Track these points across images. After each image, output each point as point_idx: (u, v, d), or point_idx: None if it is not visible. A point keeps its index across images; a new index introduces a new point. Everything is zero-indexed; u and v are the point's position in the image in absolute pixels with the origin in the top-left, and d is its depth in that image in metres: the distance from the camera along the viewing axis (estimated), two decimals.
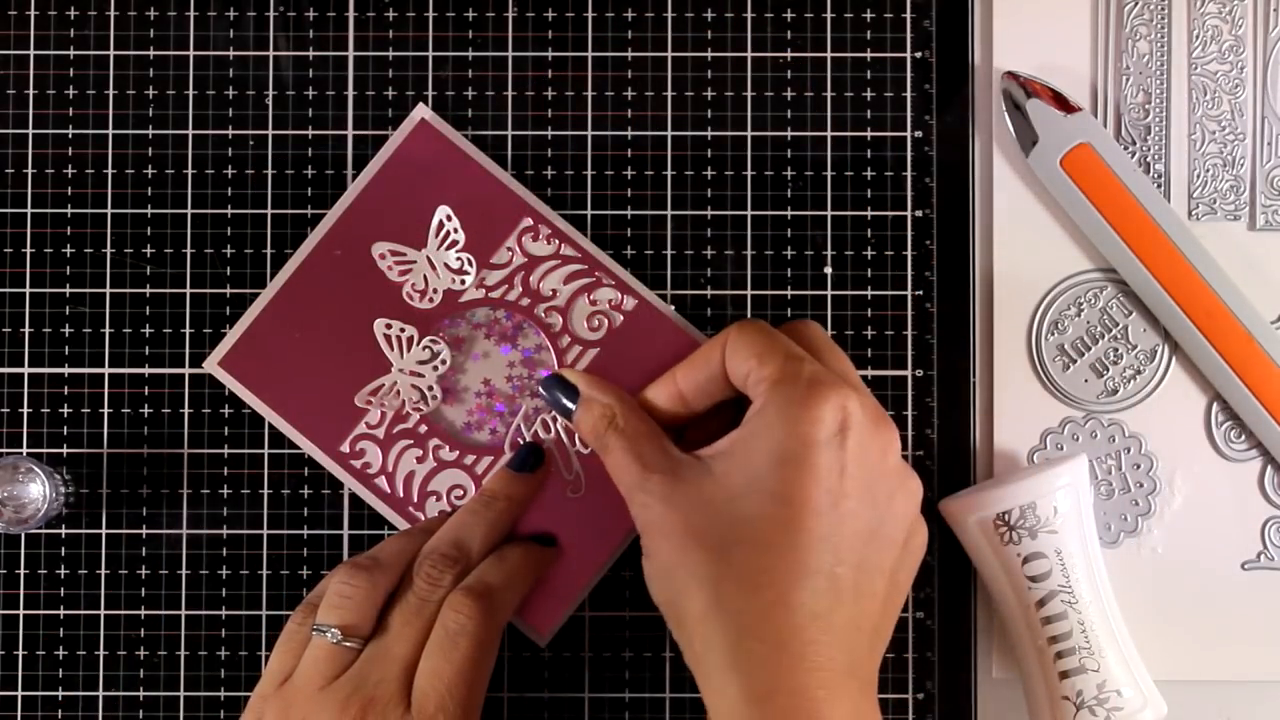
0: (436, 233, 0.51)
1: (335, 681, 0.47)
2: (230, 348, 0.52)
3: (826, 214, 0.55)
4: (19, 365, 0.54)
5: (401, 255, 0.51)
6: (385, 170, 0.52)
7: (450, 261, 0.51)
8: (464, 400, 0.52)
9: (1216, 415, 0.54)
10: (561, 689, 0.54)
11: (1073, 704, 0.50)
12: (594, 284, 0.52)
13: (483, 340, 0.52)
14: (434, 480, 0.52)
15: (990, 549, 0.51)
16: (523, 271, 0.52)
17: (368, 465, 0.52)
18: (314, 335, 0.51)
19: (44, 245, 0.54)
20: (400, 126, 0.52)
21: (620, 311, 0.52)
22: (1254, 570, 0.54)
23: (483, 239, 0.51)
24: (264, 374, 0.52)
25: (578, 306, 0.52)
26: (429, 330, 0.51)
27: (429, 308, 0.51)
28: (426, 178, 0.51)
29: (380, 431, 0.52)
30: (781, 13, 0.55)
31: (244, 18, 0.55)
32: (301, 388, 0.52)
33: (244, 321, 0.52)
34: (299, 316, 0.52)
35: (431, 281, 0.51)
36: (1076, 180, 0.53)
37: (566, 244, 0.51)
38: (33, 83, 0.54)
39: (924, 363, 0.54)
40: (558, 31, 0.55)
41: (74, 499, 0.54)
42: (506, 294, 0.52)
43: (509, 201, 0.52)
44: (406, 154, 0.52)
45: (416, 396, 0.51)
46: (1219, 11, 0.54)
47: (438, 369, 0.51)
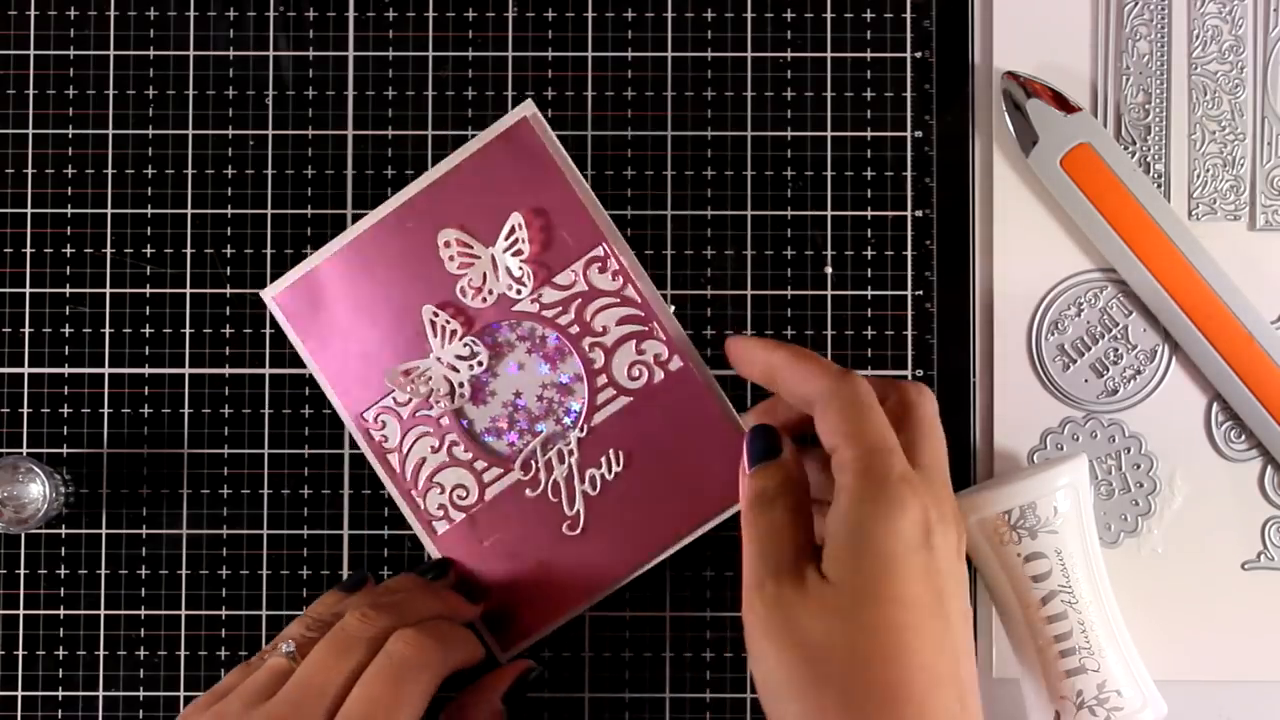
0: (507, 235, 0.50)
1: (265, 703, 0.45)
2: (290, 284, 0.52)
3: (826, 214, 0.55)
4: (19, 365, 0.54)
5: (468, 248, 0.50)
6: (476, 158, 0.51)
7: (513, 268, 0.50)
8: (490, 405, 0.51)
9: (1216, 415, 0.54)
10: (561, 689, 0.54)
11: (1073, 704, 0.50)
12: (645, 334, 0.51)
13: (524, 353, 0.51)
14: (441, 474, 0.51)
15: (990, 549, 0.51)
16: (580, 300, 0.51)
17: (385, 439, 0.51)
18: (366, 298, 0.51)
19: (44, 245, 0.54)
20: (504, 117, 0.51)
21: (663, 369, 0.51)
22: (1254, 570, 0.54)
23: (550, 256, 0.51)
24: (312, 319, 0.51)
25: (623, 351, 0.51)
26: (474, 329, 0.51)
27: (480, 306, 0.51)
28: (512, 177, 0.51)
29: (405, 410, 0.51)
30: (781, 13, 0.55)
31: (244, 18, 0.55)
32: (342, 344, 0.51)
33: (308, 263, 0.52)
34: (358, 276, 0.51)
35: (490, 282, 0.51)
36: (1076, 180, 0.53)
37: (631, 285, 0.51)
38: (33, 83, 0.54)
39: (924, 363, 0.54)
40: (558, 31, 0.55)
41: (74, 499, 0.54)
42: (558, 316, 0.51)
43: (586, 225, 0.51)
44: (501, 147, 0.51)
45: (446, 389, 0.51)
46: (1219, 11, 0.54)
47: (473, 368, 0.51)
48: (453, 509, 0.52)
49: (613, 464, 0.51)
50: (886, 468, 0.43)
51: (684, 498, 0.51)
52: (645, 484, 0.51)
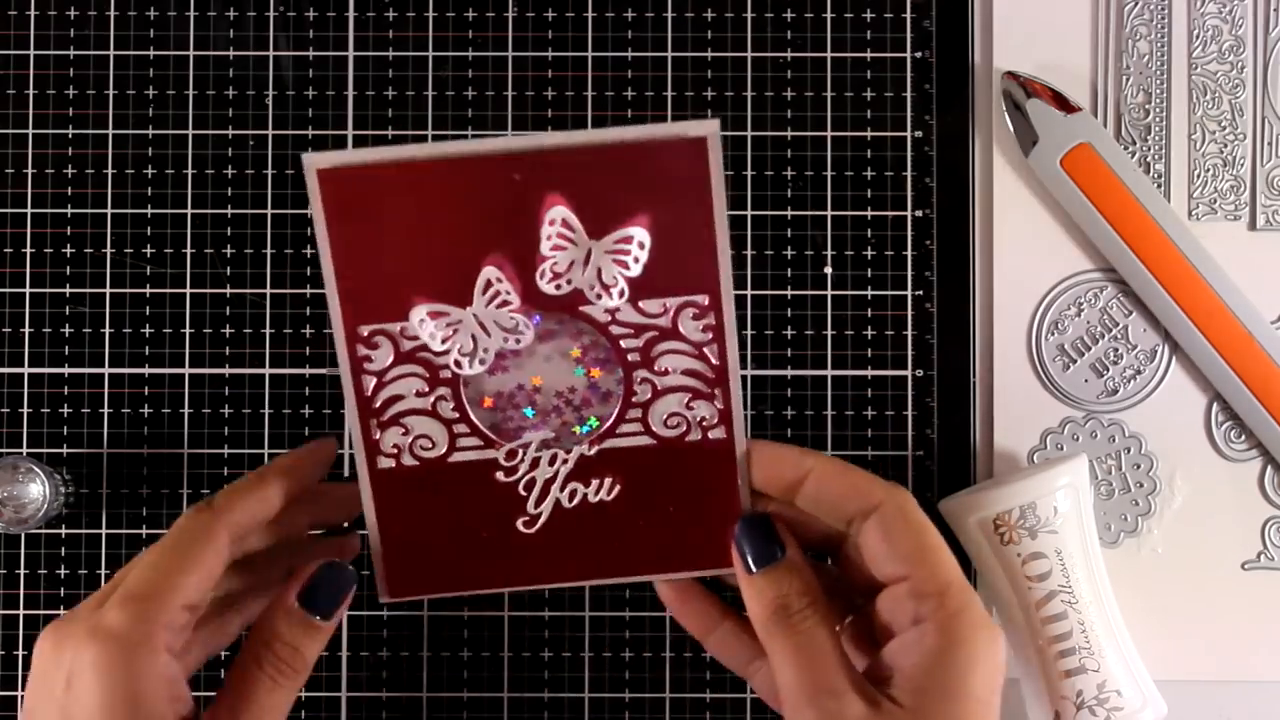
0: (620, 241, 0.44)
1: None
2: (344, 165, 0.44)
3: (826, 214, 0.55)
4: (19, 365, 0.54)
5: (571, 235, 0.44)
6: (631, 148, 0.43)
7: (606, 273, 0.45)
8: (502, 379, 0.46)
9: (1216, 415, 0.54)
10: (561, 689, 0.54)
11: (1073, 704, 0.50)
12: (704, 395, 0.46)
13: (569, 353, 0.46)
14: (413, 418, 0.46)
15: (990, 549, 0.51)
16: (656, 334, 0.45)
17: (369, 359, 0.46)
18: (427, 225, 0.44)
19: (44, 245, 0.54)
20: (685, 123, 0.43)
21: (703, 432, 0.46)
22: (1254, 570, 0.54)
23: (652, 277, 0.45)
24: (351, 214, 0.44)
25: (671, 398, 0.46)
26: (529, 308, 0.45)
27: (551, 292, 0.45)
28: (660, 184, 0.44)
29: (407, 344, 0.45)
30: (781, 13, 0.55)
31: (244, 18, 0.55)
32: (373, 257, 0.44)
33: (374, 154, 0.44)
34: (429, 198, 0.44)
35: (574, 273, 0.45)
36: (1076, 180, 0.53)
37: (717, 345, 0.45)
38: (33, 83, 0.54)
39: (924, 363, 0.54)
40: (558, 31, 0.55)
41: (74, 499, 0.54)
42: (624, 338, 0.45)
43: (705, 269, 0.45)
44: (666, 149, 0.43)
45: (470, 347, 0.45)
46: (1219, 11, 0.54)
47: (507, 341, 0.46)
48: (407, 453, 0.46)
49: (602, 490, 0.47)
50: (976, 611, 0.43)
51: (656, 547, 0.47)
52: (625, 521, 0.47)
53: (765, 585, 0.44)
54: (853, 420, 0.54)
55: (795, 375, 0.54)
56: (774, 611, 0.44)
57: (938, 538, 0.44)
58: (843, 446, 0.54)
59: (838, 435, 0.54)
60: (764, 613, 0.44)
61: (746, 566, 0.45)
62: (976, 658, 0.42)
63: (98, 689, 0.40)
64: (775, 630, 0.44)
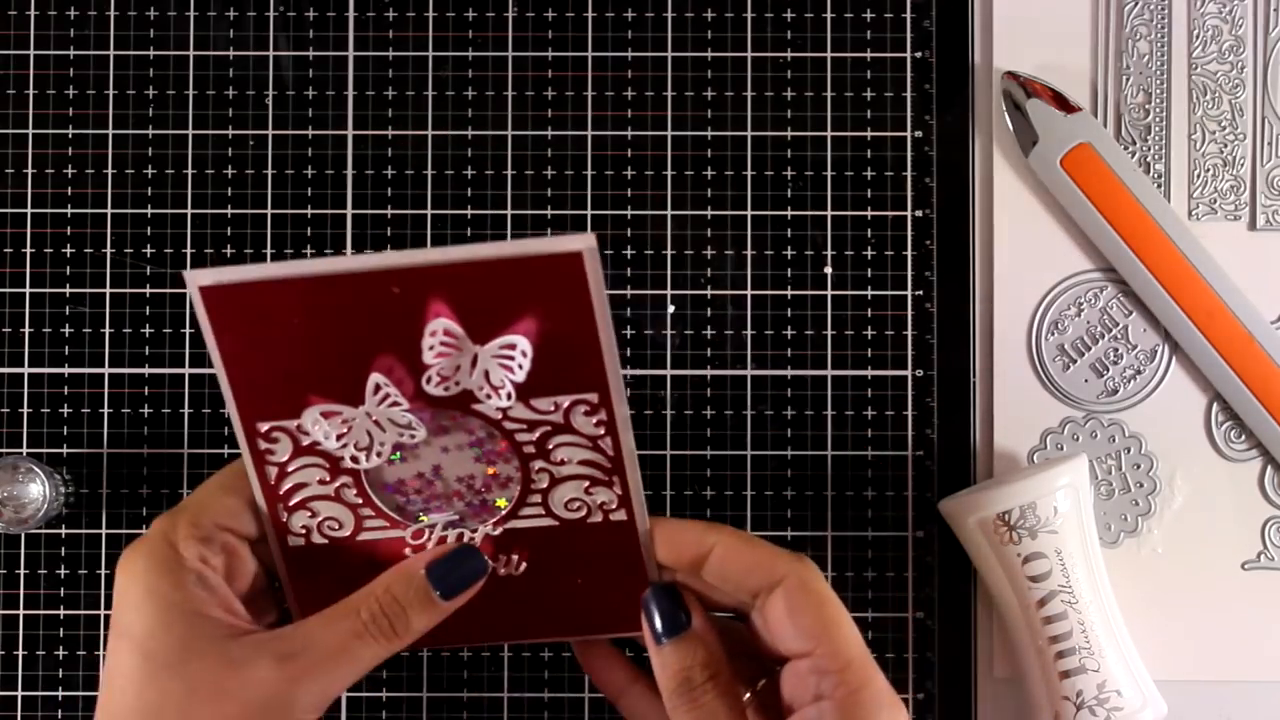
0: (503, 348, 0.44)
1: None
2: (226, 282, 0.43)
3: (826, 214, 0.55)
4: (19, 365, 0.54)
5: (454, 342, 0.44)
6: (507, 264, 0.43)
7: (493, 376, 0.44)
8: (401, 468, 0.46)
9: (1216, 415, 0.54)
10: (561, 689, 0.54)
11: (1073, 704, 0.50)
12: (603, 483, 0.46)
13: (465, 445, 0.46)
14: (318, 503, 0.46)
15: (990, 549, 0.51)
16: (549, 429, 0.45)
17: (270, 452, 0.45)
18: (314, 333, 0.44)
19: (44, 245, 0.54)
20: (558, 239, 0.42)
21: (604, 515, 0.46)
22: (1254, 570, 0.54)
23: (539, 377, 0.44)
24: (238, 323, 0.44)
25: (570, 485, 0.46)
26: (420, 408, 0.45)
27: (439, 394, 0.44)
28: (539, 296, 0.43)
29: (305, 439, 0.45)
30: (781, 13, 0.55)
31: (244, 18, 0.55)
32: (266, 358, 0.44)
33: (257, 271, 0.43)
34: (315, 308, 0.44)
35: (462, 378, 0.44)
36: (1076, 180, 0.53)
37: (611, 439, 0.45)
38: (33, 83, 0.54)
39: (924, 363, 0.54)
40: (558, 31, 0.55)
41: (74, 499, 0.54)
42: (518, 432, 0.45)
43: (592, 370, 0.44)
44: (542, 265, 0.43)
45: (366, 442, 0.45)
46: (1219, 11, 0.54)
47: (402, 436, 0.45)
48: (316, 532, 0.47)
49: (510, 565, 0.47)
50: (875, 687, 0.43)
51: (567, 613, 0.48)
52: (534, 591, 0.47)
53: (671, 657, 0.45)
54: (853, 420, 0.54)
55: (795, 375, 0.54)
56: (679, 684, 0.44)
57: (841, 611, 0.44)
58: (843, 446, 0.54)
59: (838, 435, 0.54)
60: (669, 684, 0.44)
61: (655, 637, 0.45)
62: None
63: (129, 591, 0.42)
64: (678, 703, 0.44)
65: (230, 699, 0.41)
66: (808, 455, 0.54)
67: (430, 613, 0.45)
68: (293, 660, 0.42)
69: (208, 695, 0.41)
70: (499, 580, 0.47)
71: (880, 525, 0.54)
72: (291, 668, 0.42)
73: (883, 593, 0.54)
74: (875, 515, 0.54)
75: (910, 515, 0.54)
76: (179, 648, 0.41)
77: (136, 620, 0.42)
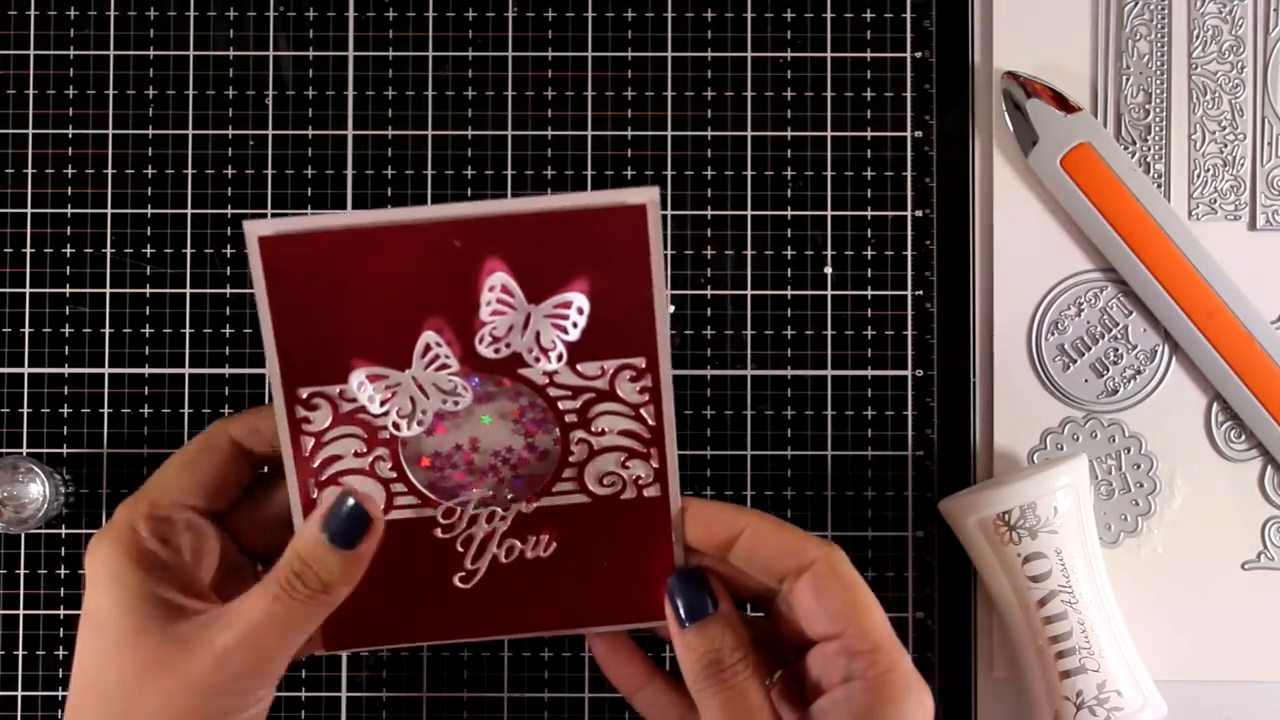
0: (557, 307, 0.44)
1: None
2: (286, 232, 0.43)
3: (826, 214, 0.55)
4: (19, 365, 0.54)
5: (510, 300, 0.44)
6: (570, 215, 0.43)
7: (544, 337, 0.45)
8: (440, 439, 0.46)
9: (1216, 415, 0.54)
10: (561, 689, 0.54)
11: (1073, 704, 0.50)
12: (639, 455, 0.46)
13: (507, 414, 0.46)
14: (351, 477, 0.46)
15: (990, 549, 0.51)
16: (593, 396, 0.45)
17: (308, 420, 0.45)
18: (368, 289, 0.44)
19: (44, 245, 0.54)
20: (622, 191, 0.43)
21: (638, 490, 0.46)
22: (1254, 570, 0.54)
23: (589, 340, 0.45)
24: (292, 277, 0.44)
25: (607, 458, 0.46)
26: (467, 371, 0.45)
27: (490, 356, 0.45)
28: (599, 250, 0.44)
29: (345, 406, 0.45)
30: (781, 13, 0.55)
31: (244, 18, 0.55)
32: (313, 318, 0.44)
33: (318, 221, 0.44)
34: (370, 263, 0.44)
35: (514, 339, 0.45)
36: (1076, 180, 0.53)
37: (654, 407, 0.45)
38: (33, 83, 0.54)
39: (924, 363, 0.54)
40: (558, 31, 0.55)
41: (74, 499, 0.54)
42: (562, 399, 0.45)
43: (643, 333, 0.45)
44: (604, 217, 0.43)
45: (409, 409, 0.46)
46: (1219, 11, 0.54)
47: (445, 403, 0.46)
48: None
49: (539, 546, 0.47)
50: (906, 670, 0.43)
51: (591, 601, 0.47)
52: (560, 576, 0.47)
53: (697, 640, 0.45)
54: (853, 420, 0.54)
55: (795, 375, 0.54)
56: (706, 666, 0.44)
57: (869, 595, 0.44)
58: (843, 446, 0.54)
59: (838, 435, 0.54)
60: (696, 667, 0.44)
61: (680, 621, 0.45)
62: (904, 716, 0.43)
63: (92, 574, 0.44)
64: (706, 685, 0.44)
65: (177, 673, 0.43)
66: (808, 455, 0.54)
67: (341, 565, 0.45)
68: (228, 632, 0.43)
69: (156, 671, 0.43)
70: (525, 565, 0.47)
71: (880, 525, 0.54)
72: (228, 639, 0.43)
73: (883, 593, 0.54)
74: (875, 515, 0.54)
75: (910, 515, 0.54)
76: (131, 627, 0.43)
77: (97, 601, 0.44)
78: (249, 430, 0.46)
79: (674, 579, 0.46)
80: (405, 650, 0.54)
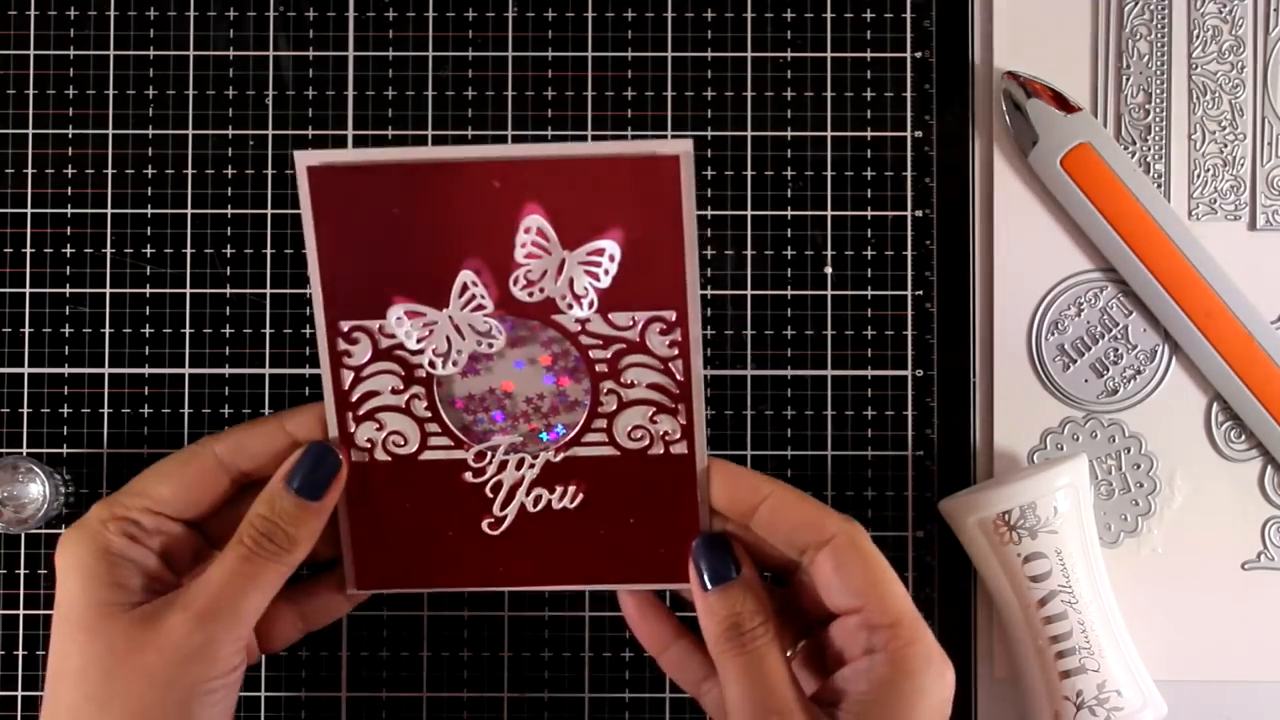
0: (592, 254, 0.46)
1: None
2: (334, 163, 0.45)
3: (826, 214, 0.55)
4: (19, 365, 0.54)
5: (545, 244, 0.45)
6: (607, 163, 0.45)
7: (577, 284, 0.46)
8: (473, 381, 0.47)
9: (1216, 415, 0.54)
10: (561, 689, 0.54)
11: (1073, 704, 0.50)
12: (667, 409, 0.47)
13: (539, 360, 0.47)
14: (386, 414, 0.47)
15: (990, 549, 0.51)
16: (624, 347, 0.46)
17: (348, 354, 0.47)
18: (408, 224, 0.45)
19: (44, 245, 0.54)
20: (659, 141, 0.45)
21: (665, 446, 0.47)
22: (1254, 570, 0.54)
23: (622, 290, 0.46)
24: (337, 209, 0.45)
25: (635, 411, 0.47)
26: (504, 312, 0.46)
27: (523, 299, 0.46)
28: (633, 198, 0.45)
29: (385, 341, 0.47)
30: (781, 13, 0.55)
31: (244, 18, 0.55)
32: (355, 253, 0.46)
33: (363, 154, 0.46)
34: (413, 198, 0.45)
35: (547, 284, 0.46)
36: (1076, 180, 0.53)
37: (682, 361, 0.46)
38: (33, 83, 0.54)
39: (924, 363, 0.54)
40: (558, 31, 0.55)
41: (74, 499, 0.54)
42: (593, 348, 0.46)
43: (675, 284, 0.46)
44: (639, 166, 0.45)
45: (444, 348, 0.46)
46: (1219, 11, 0.54)
47: (480, 344, 0.46)
48: (380, 448, 0.48)
49: (566, 497, 0.48)
50: (927, 643, 0.44)
51: (615, 557, 0.48)
52: (586, 529, 0.48)
53: (719, 603, 0.45)
54: (853, 420, 0.54)
55: (795, 375, 0.54)
56: (726, 629, 0.45)
57: (889, 571, 0.45)
58: (843, 446, 0.54)
59: (838, 435, 0.54)
60: (716, 630, 0.45)
61: (702, 583, 0.46)
62: (925, 689, 0.43)
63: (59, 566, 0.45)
64: (726, 648, 0.44)
65: (149, 650, 0.43)
66: (808, 455, 0.54)
67: (306, 517, 0.46)
68: (197, 601, 0.44)
69: (126, 651, 0.43)
70: (552, 516, 0.48)
71: (880, 525, 0.54)
72: (198, 608, 0.44)
73: None
74: (875, 515, 0.54)
75: (910, 515, 0.54)
76: (96, 613, 0.44)
77: (64, 592, 0.45)
78: (234, 448, 0.47)
79: (698, 542, 0.46)
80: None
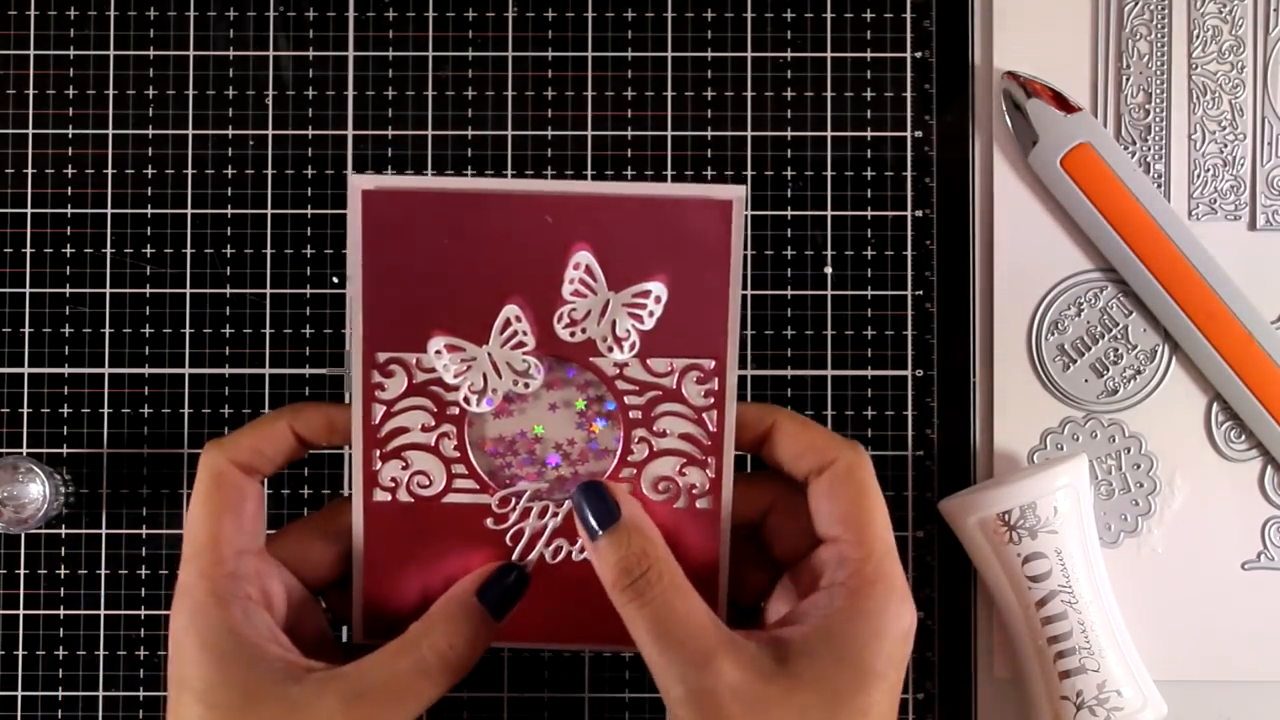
0: (637, 295, 0.45)
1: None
2: (389, 188, 0.44)
3: (826, 214, 0.55)
4: (19, 365, 0.54)
5: (592, 283, 0.45)
6: (660, 204, 0.44)
7: (620, 326, 0.45)
8: (505, 423, 0.46)
9: (1216, 415, 0.54)
10: (561, 689, 0.54)
11: (1073, 704, 0.50)
12: (697, 462, 0.46)
13: (572, 402, 0.46)
14: (414, 452, 0.46)
15: (990, 549, 0.51)
16: (659, 394, 0.45)
17: (381, 386, 0.46)
18: (456, 255, 0.45)
19: (44, 245, 0.54)
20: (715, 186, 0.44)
21: (690, 500, 0.46)
22: (1254, 570, 0.54)
23: (662, 336, 0.45)
24: (387, 235, 0.44)
25: (664, 462, 0.46)
26: (543, 351, 0.45)
27: (566, 339, 0.45)
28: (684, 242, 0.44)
29: (421, 376, 0.46)
30: (781, 13, 0.55)
31: (244, 18, 0.55)
32: (400, 280, 0.45)
33: (419, 181, 0.45)
34: (464, 228, 0.44)
35: (590, 324, 0.45)
36: (1076, 180, 0.53)
37: (717, 412, 0.45)
38: (33, 83, 0.54)
39: (924, 363, 0.54)
40: (558, 31, 0.55)
41: (74, 499, 0.54)
42: (629, 394, 0.45)
43: (716, 332, 0.45)
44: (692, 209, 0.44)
45: (480, 385, 0.46)
46: (1219, 11, 0.54)
47: (516, 384, 0.45)
48: (403, 489, 0.46)
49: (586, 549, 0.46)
50: (891, 582, 0.42)
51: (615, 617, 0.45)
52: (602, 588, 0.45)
53: (607, 550, 0.43)
54: (853, 420, 0.54)
55: (795, 375, 0.54)
56: (618, 575, 0.42)
57: (877, 503, 0.43)
58: None
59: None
60: (609, 578, 0.42)
61: (590, 533, 0.43)
62: (880, 630, 0.41)
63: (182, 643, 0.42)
64: (623, 598, 0.42)
65: None
66: None
67: (487, 636, 0.44)
68: (359, 701, 0.41)
69: None
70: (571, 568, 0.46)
71: None
72: (358, 709, 0.41)
73: None
74: None
75: (910, 515, 0.54)
76: (240, 696, 0.41)
77: (195, 673, 0.41)
78: (251, 453, 0.44)
79: (576, 492, 0.44)
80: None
